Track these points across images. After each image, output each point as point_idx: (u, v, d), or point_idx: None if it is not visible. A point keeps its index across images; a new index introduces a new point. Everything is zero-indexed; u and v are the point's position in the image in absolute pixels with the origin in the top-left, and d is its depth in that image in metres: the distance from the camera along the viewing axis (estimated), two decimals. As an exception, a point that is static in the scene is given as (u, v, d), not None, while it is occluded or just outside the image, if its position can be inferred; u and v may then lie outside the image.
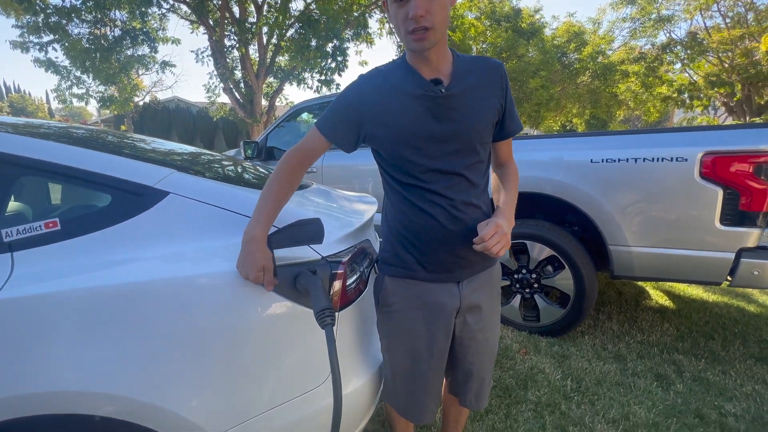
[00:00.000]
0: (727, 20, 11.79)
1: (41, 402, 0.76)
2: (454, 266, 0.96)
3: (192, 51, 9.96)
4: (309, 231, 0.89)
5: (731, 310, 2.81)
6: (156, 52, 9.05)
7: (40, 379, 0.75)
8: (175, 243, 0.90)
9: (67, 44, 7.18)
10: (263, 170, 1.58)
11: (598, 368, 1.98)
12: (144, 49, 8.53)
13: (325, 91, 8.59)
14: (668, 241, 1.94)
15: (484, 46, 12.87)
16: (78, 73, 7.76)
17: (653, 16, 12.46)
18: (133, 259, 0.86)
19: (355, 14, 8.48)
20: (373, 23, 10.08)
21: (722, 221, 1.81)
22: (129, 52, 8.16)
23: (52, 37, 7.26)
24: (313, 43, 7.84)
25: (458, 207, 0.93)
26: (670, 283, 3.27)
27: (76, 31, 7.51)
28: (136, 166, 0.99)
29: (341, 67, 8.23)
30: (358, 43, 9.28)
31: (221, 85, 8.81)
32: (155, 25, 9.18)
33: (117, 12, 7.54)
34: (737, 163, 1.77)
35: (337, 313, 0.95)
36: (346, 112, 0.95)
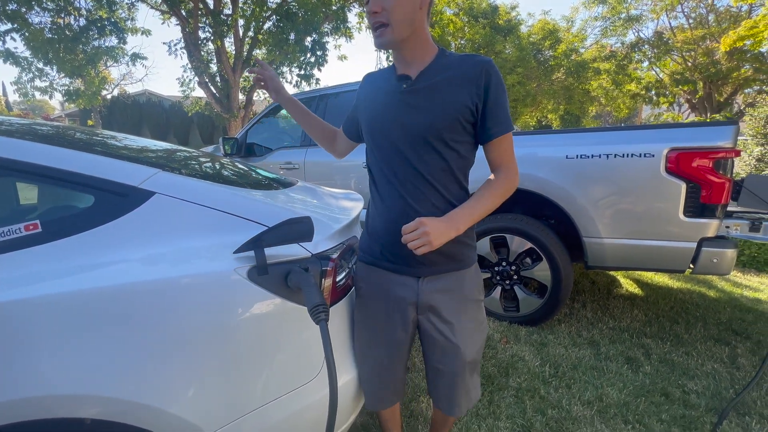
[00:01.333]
0: (690, 21, 12.40)
1: (27, 407, 0.75)
2: (412, 261, 0.96)
3: (164, 43, 9.56)
4: (299, 229, 0.91)
5: (694, 295, 3.01)
6: (124, 43, 8.64)
7: (25, 383, 0.74)
8: (163, 243, 0.90)
9: (27, 34, 6.75)
10: (247, 168, 1.57)
11: (573, 354, 2.09)
12: (112, 40, 8.12)
13: (304, 86, 8.46)
14: (637, 232, 2.06)
15: (462, 42, 13.01)
16: (40, 65, 7.31)
17: (623, 15, 12.94)
18: (120, 261, 0.85)
19: (334, 8, 8.38)
20: (352, 17, 10.01)
21: (685, 213, 1.94)
22: (96, 43, 7.74)
23: (10, 26, 6.81)
24: (292, 36, 7.69)
25: (413, 203, 0.94)
26: (639, 272, 3.46)
27: (36, 20, 7.07)
28: (119, 165, 0.97)
29: (321, 62, 8.12)
30: (337, 37, 9.18)
31: (196, 78, 8.53)
32: (123, 14, 8.76)
33: (82, 0, 7.14)
34: (699, 158, 1.90)
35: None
36: (353, 107, 1.12)
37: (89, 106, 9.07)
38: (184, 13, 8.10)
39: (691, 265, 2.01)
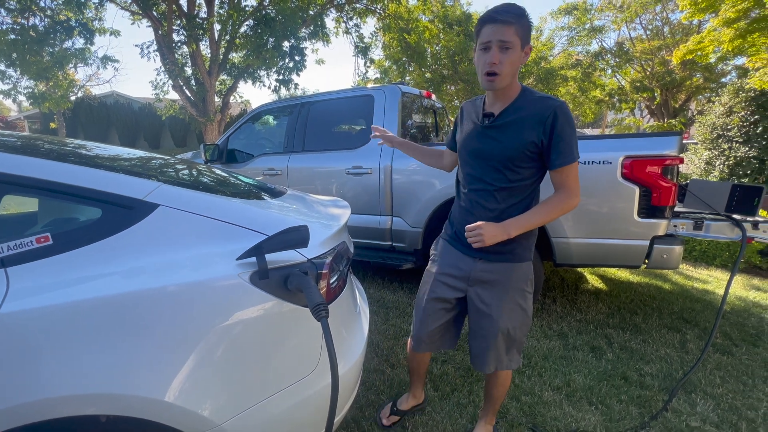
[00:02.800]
0: (648, 32, 13.28)
1: (47, 407, 0.80)
2: (473, 246, 1.23)
3: (136, 45, 9.28)
4: (297, 236, 1.00)
5: (650, 288, 3.29)
6: (92, 44, 8.34)
7: (47, 386, 0.79)
8: (169, 252, 0.97)
9: (-13, 34, 6.41)
10: (240, 179, 1.64)
11: (545, 345, 2.27)
12: (78, 41, 7.81)
13: (283, 91, 8.45)
14: (598, 232, 2.26)
15: (437, 48, 13.34)
16: (2, 67, 6.93)
17: (587, 26, 13.70)
18: (130, 270, 0.91)
19: (311, 13, 8.43)
20: (330, 22, 10.08)
21: (639, 214, 2.15)
22: (64, 45, 7.41)
23: (-33, 25, 6.45)
24: (271, 41, 7.67)
25: (479, 206, 1.25)
26: (603, 268, 3.73)
27: (-4, 19, 6.72)
28: (124, 180, 1.04)
29: (299, 67, 8.13)
30: (314, 41, 9.23)
31: (170, 82, 8.33)
32: (90, 14, 8.45)
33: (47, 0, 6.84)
34: (650, 165, 2.12)
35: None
36: (453, 127, 1.45)
37: (57, 110, 8.67)
38: (156, 15, 7.92)
39: (646, 261, 2.23)
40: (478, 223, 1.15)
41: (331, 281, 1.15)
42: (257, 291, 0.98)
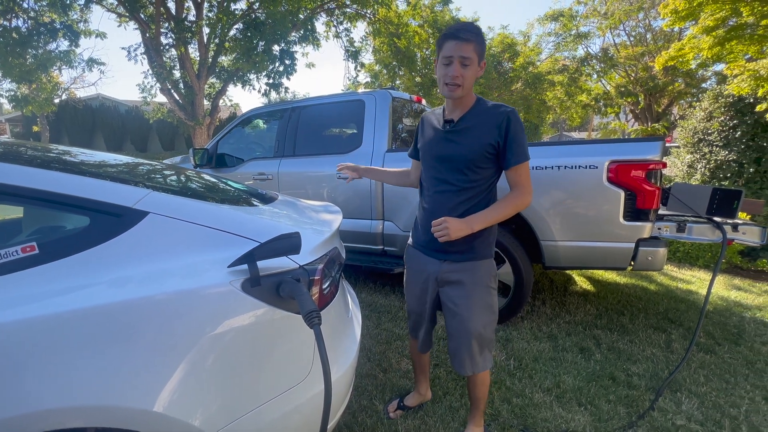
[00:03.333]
0: (631, 39, 13.63)
1: (32, 421, 0.79)
2: (439, 248, 1.35)
3: (123, 48, 9.14)
4: (289, 243, 1.00)
5: (636, 289, 3.36)
6: (77, 46, 8.19)
7: (32, 399, 0.78)
8: (159, 261, 0.96)
9: (-34, 36, 6.23)
10: (231, 185, 1.63)
11: (535, 347, 2.29)
12: (63, 43, 7.66)
13: (273, 95, 8.41)
14: (585, 235, 2.31)
15: (427, 52, 13.46)
16: (-17, 69, 6.76)
17: (573, 32, 13.99)
18: (119, 279, 0.90)
19: (301, 17, 8.43)
20: (320, 26, 10.10)
21: (625, 217, 2.20)
22: (48, 47, 7.25)
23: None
24: (261, 45, 7.64)
25: (443, 207, 1.32)
26: (591, 270, 3.79)
27: (-23, 21, 6.55)
28: (112, 187, 1.03)
29: (289, 71, 8.11)
30: (304, 45, 9.23)
31: (158, 85, 8.22)
32: (75, 16, 8.31)
33: (30, 1, 6.69)
34: (634, 170, 2.17)
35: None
36: (414, 138, 1.53)
37: (40, 113, 8.47)
38: (144, 18, 7.83)
39: (632, 263, 2.28)
40: (444, 218, 1.23)
41: (324, 287, 1.15)
42: (249, 298, 0.98)
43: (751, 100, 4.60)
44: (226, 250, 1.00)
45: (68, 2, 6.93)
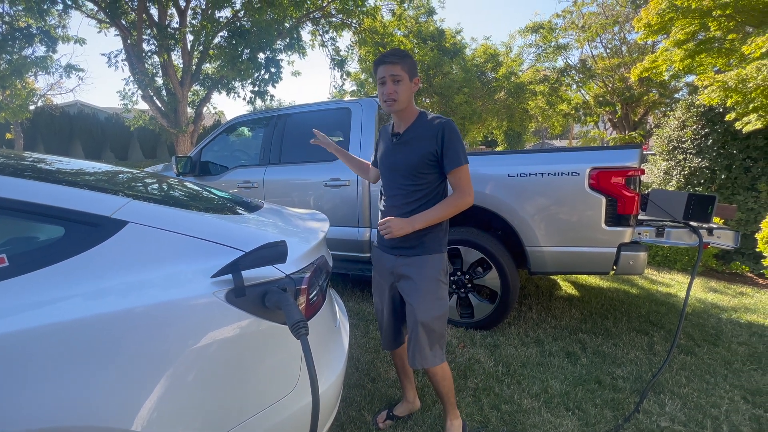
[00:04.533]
0: (608, 51, 14.14)
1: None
2: (392, 245, 1.49)
3: (103, 54, 8.96)
4: (275, 252, 0.98)
5: (619, 293, 3.43)
6: (54, 52, 7.97)
7: (5, 420, 0.73)
8: (139, 271, 0.93)
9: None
10: (215, 193, 1.60)
11: (522, 353, 2.31)
12: (39, 49, 7.44)
13: (258, 102, 8.34)
14: (569, 240, 2.35)
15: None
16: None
17: (553, 44, 14.43)
18: (96, 291, 0.87)
19: (287, 25, 8.44)
20: (306, 35, 10.12)
21: (606, 223, 2.26)
22: (23, 53, 7.02)
23: None
24: (246, 52, 7.59)
25: (396, 208, 1.46)
26: (575, 275, 3.86)
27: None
28: (89, 196, 0.99)
29: (275, 79, 8.07)
30: (290, 54, 9.22)
31: (139, 92, 8.06)
32: (53, 21, 8.10)
33: (5, 5, 6.48)
34: (614, 176, 2.24)
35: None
36: (375, 148, 1.69)
37: (14, 120, 8.17)
38: (125, 25, 7.69)
39: (614, 267, 2.33)
40: (388, 218, 1.39)
41: (311, 297, 1.13)
42: (233, 309, 0.95)
43: (721, 110, 4.83)
44: (210, 259, 0.98)
45: (45, 7, 6.75)
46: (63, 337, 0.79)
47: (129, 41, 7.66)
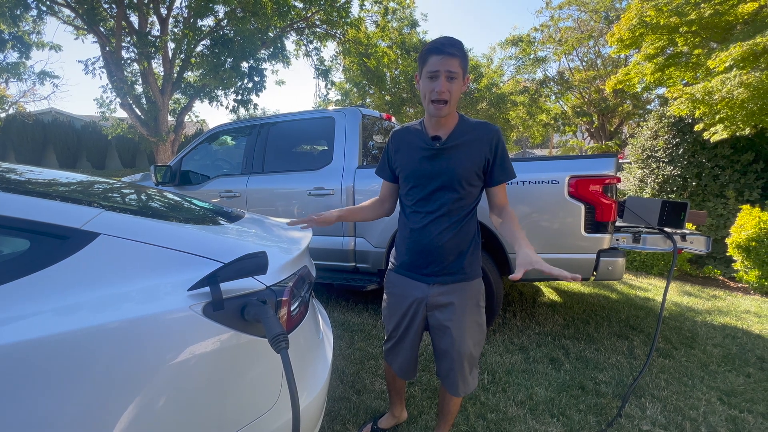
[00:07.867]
0: (584, 63, 14.72)
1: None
2: (425, 271, 1.31)
3: (80, 61, 8.73)
4: (254, 263, 0.96)
5: (600, 299, 3.50)
6: (28, 58, 7.73)
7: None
8: (111, 285, 0.89)
9: None
10: (193, 203, 1.56)
11: (507, 360, 2.32)
12: (12, 55, 7.20)
13: (242, 111, 8.27)
14: (551, 247, 2.39)
15: (396, 72, 13.84)
16: None
17: (532, 56, 14.94)
18: (64, 307, 0.82)
19: (271, 35, 8.45)
20: (290, 44, 10.15)
21: (586, 230, 2.31)
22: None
23: None
24: (228, 61, 7.53)
25: (435, 227, 1.27)
26: (557, 281, 3.93)
27: None
28: (57, 206, 0.95)
29: (259, 88, 8.03)
30: (274, 63, 9.21)
31: (118, 99, 7.87)
32: (27, 27, 7.87)
33: (-25, 11, 6.26)
34: (592, 184, 2.30)
35: (285, 337, 1.02)
36: (384, 157, 1.42)
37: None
38: (104, 32, 7.54)
39: (594, 273, 2.38)
40: (528, 254, 1.06)
41: (292, 308, 1.11)
42: (211, 323, 0.92)
43: (690, 121, 5.07)
44: (187, 272, 0.95)
45: (18, 13, 6.55)
46: (29, 355, 0.74)
47: (107, 48, 7.50)
